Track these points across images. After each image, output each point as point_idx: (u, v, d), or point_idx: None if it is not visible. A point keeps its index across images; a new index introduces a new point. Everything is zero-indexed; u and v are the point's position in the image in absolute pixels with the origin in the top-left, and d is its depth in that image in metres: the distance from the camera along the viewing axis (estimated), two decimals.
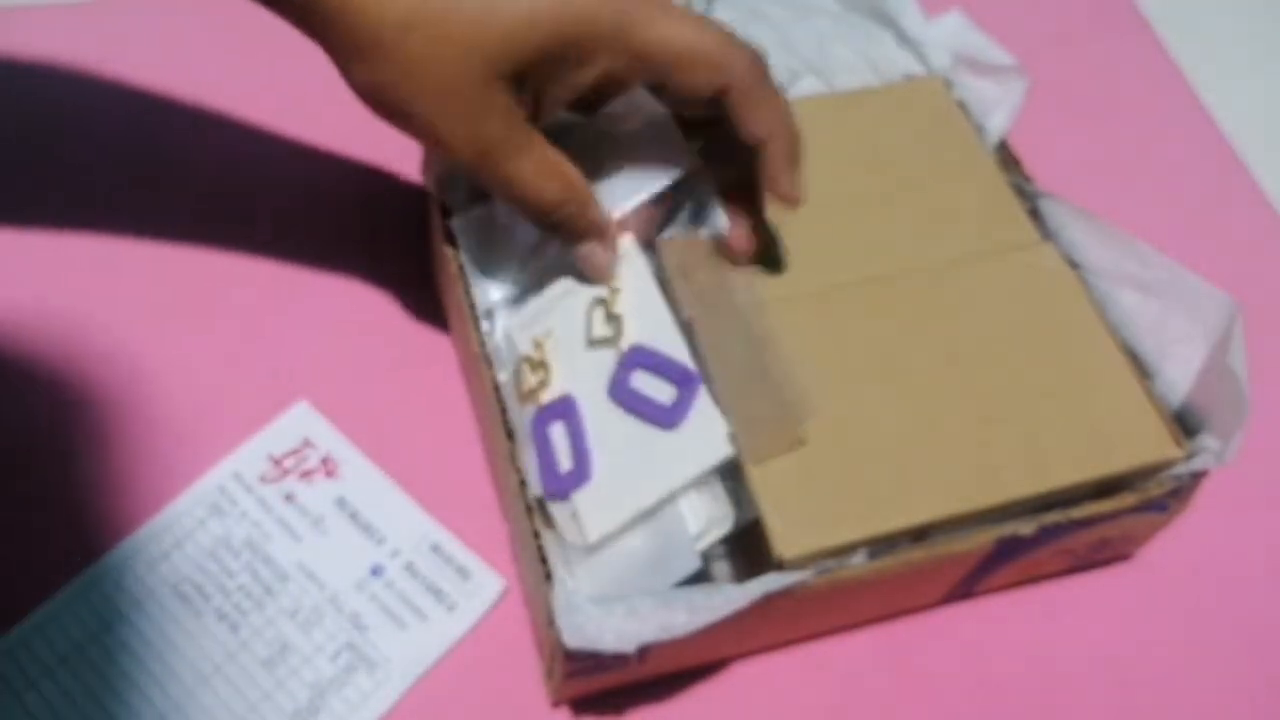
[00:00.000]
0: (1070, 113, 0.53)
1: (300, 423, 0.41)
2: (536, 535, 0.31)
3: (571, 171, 0.32)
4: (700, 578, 0.32)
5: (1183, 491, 0.35)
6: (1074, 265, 0.38)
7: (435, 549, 0.38)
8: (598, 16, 0.29)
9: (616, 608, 0.29)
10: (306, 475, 0.39)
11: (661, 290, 0.34)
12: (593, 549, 0.32)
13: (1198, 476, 0.34)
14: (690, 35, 0.30)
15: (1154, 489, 0.34)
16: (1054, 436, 0.34)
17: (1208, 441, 0.34)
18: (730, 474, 0.33)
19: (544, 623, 0.31)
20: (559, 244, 0.35)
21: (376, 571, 0.38)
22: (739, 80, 0.31)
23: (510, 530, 0.38)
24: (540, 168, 0.32)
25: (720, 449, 0.32)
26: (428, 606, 0.37)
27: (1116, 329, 0.37)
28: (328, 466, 0.40)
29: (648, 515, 0.32)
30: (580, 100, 0.32)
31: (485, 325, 0.37)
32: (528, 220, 0.33)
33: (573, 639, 0.29)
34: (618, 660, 0.32)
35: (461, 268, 0.37)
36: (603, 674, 0.33)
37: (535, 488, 0.33)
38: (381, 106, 0.30)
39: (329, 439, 0.40)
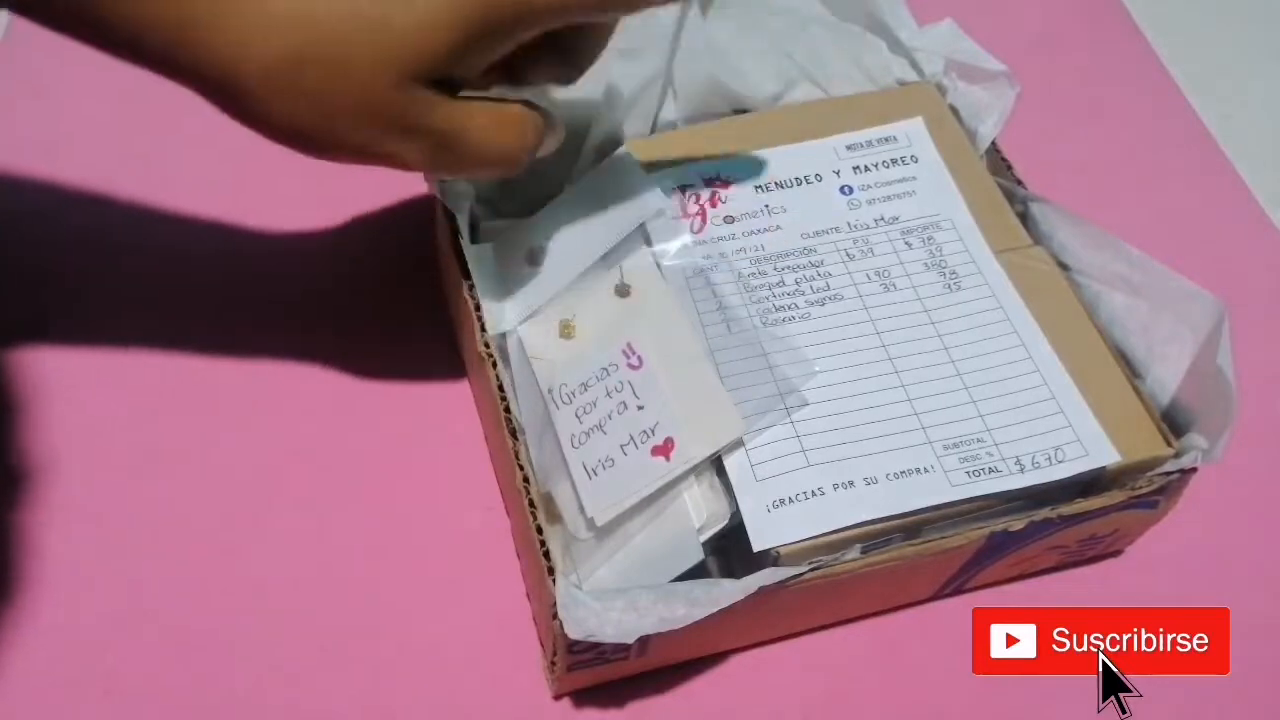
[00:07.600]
0: (1060, 117, 0.54)
1: None
2: (539, 530, 0.32)
3: (516, 108, 0.30)
4: (699, 572, 0.33)
5: (1171, 489, 0.35)
6: (1064, 268, 0.39)
7: None
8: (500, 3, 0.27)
9: (617, 601, 0.30)
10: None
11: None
12: (598, 541, 0.33)
13: (1186, 474, 0.34)
14: None
15: (1143, 486, 0.34)
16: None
17: (1196, 440, 0.34)
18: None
19: (546, 615, 0.31)
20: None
21: None
22: None
23: (513, 525, 0.38)
24: (493, 127, 0.30)
25: (729, 430, 0.33)
26: None
27: (1106, 330, 0.37)
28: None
29: (652, 503, 0.33)
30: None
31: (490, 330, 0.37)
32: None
33: (574, 630, 0.29)
34: (618, 652, 0.32)
35: (466, 270, 0.37)
36: (604, 666, 0.34)
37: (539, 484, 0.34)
38: (298, 141, 0.28)
39: None
